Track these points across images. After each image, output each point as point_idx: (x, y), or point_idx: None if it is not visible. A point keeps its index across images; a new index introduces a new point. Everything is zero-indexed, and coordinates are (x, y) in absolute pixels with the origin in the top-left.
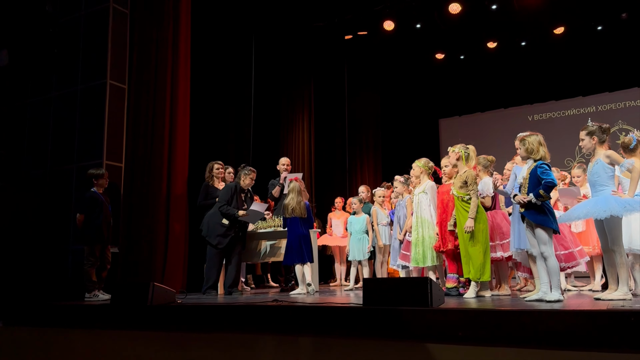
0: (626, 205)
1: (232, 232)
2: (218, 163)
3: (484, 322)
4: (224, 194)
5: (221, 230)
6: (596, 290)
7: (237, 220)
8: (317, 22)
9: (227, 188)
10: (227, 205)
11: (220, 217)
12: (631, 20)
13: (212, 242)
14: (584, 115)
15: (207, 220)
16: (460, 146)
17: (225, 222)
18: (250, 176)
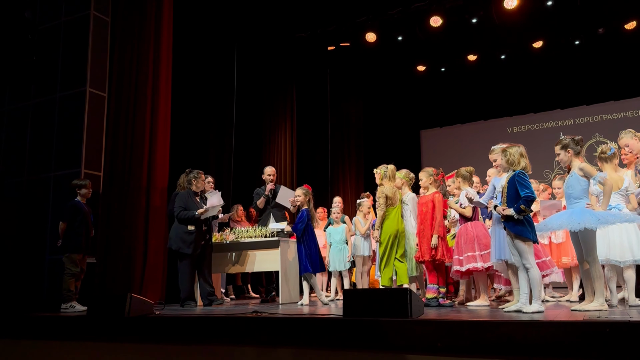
0: (600, 218)
1: (203, 237)
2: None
3: (463, 333)
4: (178, 201)
5: (191, 237)
6: (574, 301)
7: (201, 222)
8: (300, 33)
9: (180, 196)
10: (183, 211)
11: (184, 226)
12: (607, 35)
13: (187, 251)
14: (562, 127)
15: (174, 233)
16: (381, 166)
17: (192, 228)
18: (200, 179)
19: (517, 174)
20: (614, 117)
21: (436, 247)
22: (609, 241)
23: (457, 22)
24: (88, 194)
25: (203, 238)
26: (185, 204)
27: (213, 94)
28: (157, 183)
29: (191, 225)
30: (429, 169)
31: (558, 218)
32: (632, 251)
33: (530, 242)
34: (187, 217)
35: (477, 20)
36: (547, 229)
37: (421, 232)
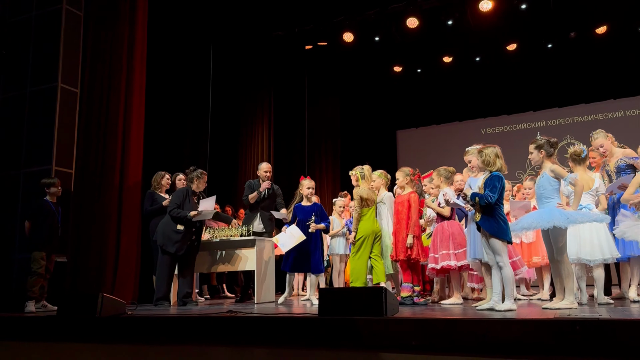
0: (569, 217)
1: (189, 238)
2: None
3: (436, 331)
4: (175, 198)
5: (177, 236)
6: (545, 299)
7: (192, 224)
8: (277, 31)
9: (178, 192)
10: (177, 209)
11: (174, 223)
12: (579, 39)
13: (170, 250)
14: (535, 129)
15: (161, 229)
16: (357, 168)
17: (180, 228)
18: (202, 179)
19: (492, 176)
20: (585, 119)
21: (411, 247)
22: (580, 240)
23: (433, 23)
24: (58, 192)
25: (190, 239)
26: (181, 202)
27: (189, 92)
28: (130, 181)
29: (181, 224)
30: (406, 169)
31: (529, 218)
32: (601, 250)
33: (505, 242)
34: (179, 215)
35: (452, 23)
36: (519, 229)
37: (397, 232)
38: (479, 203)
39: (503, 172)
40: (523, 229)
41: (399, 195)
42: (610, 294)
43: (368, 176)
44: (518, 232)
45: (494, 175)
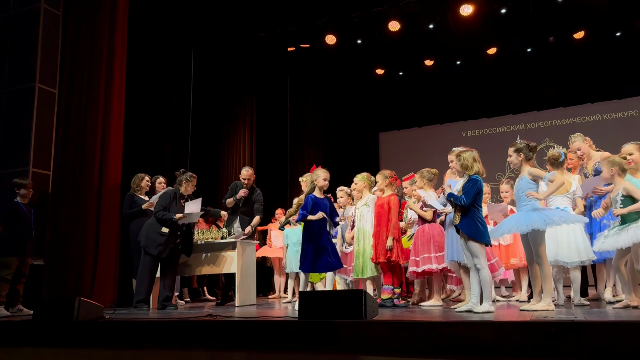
0: (545, 219)
1: (173, 241)
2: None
3: (415, 333)
4: (162, 200)
5: (161, 239)
6: (522, 300)
7: (177, 227)
8: (260, 33)
9: (165, 194)
10: (163, 211)
11: (159, 226)
12: (557, 44)
13: (153, 252)
14: (514, 132)
15: (146, 230)
16: (306, 175)
17: (165, 231)
18: (192, 182)
19: (469, 179)
20: (563, 122)
21: (391, 249)
22: (558, 243)
23: (415, 27)
24: (28, 194)
25: (172, 243)
26: (167, 204)
27: (170, 93)
28: (109, 183)
29: (167, 227)
30: (385, 172)
31: (508, 222)
32: (578, 252)
33: (483, 244)
34: (165, 218)
35: (434, 26)
36: (498, 233)
37: (377, 234)
38: (454, 203)
39: (481, 175)
40: (503, 234)
41: (379, 198)
42: (586, 295)
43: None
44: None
45: (471, 178)
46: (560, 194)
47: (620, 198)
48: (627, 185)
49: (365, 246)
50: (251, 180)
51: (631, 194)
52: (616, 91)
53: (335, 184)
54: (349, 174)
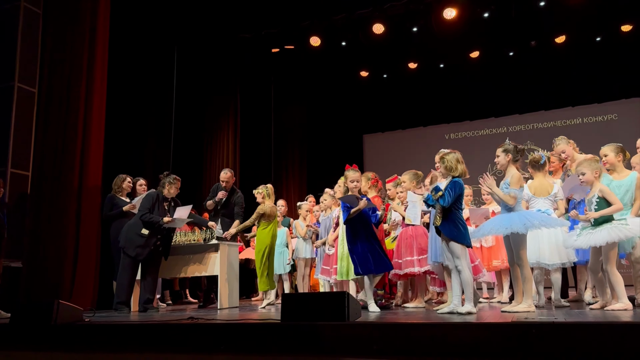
0: (526, 222)
1: (153, 243)
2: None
3: (397, 335)
4: (145, 202)
5: (140, 241)
6: (504, 302)
7: (159, 230)
8: (244, 34)
9: (148, 196)
10: (149, 213)
11: (140, 227)
12: (539, 48)
13: (130, 253)
14: (496, 135)
15: (125, 230)
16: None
17: (145, 232)
18: (175, 185)
19: (452, 181)
20: (544, 126)
21: None
22: (539, 245)
23: (399, 30)
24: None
25: (152, 245)
26: (151, 206)
27: (152, 94)
28: (90, 184)
29: (148, 229)
30: (368, 174)
31: (489, 224)
32: (559, 254)
33: (464, 246)
34: (150, 220)
35: (417, 29)
36: (479, 234)
37: None
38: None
39: (464, 177)
40: (484, 235)
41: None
42: (566, 297)
43: (272, 194)
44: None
45: (453, 180)
46: (542, 196)
47: (596, 200)
48: (603, 189)
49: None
50: (230, 182)
51: (606, 196)
52: (596, 95)
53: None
54: (333, 176)
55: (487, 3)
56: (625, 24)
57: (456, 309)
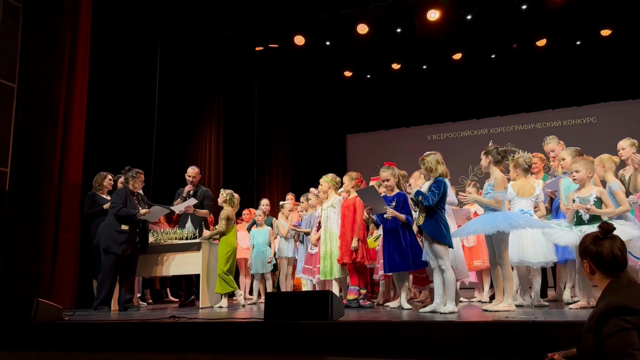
0: (511, 222)
1: (134, 239)
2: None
3: (379, 334)
4: (116, 198)
5: (122, 237)
6: (485, 301)
7: (136, 224)
8: (228, 31)
9: (118, 192)
10: (123, 208)
11: (117, 224)
12: (520, 51)
13: (116, 251)
14: (478, 136)
15: (102, 232)
16: (227, 191)
17: (125, 228)
18: (139, 178)
19: (435, 181)
20: (525, 127)
21: (356, 250)
22: (522, 244)
23: (383, 31)
24: None
25: (134, 240)
26: (124, 201)
27: (134, 91)
28: (70, 181)
29: (126, 224)
30: (352, 173)
31: (474, 224)
32: (543, 253)
33: (446, 246)
34: (127, 214)
35: (401, 30)
36: (463, 233)
37: (343, 235)
38: (421, 202)
39: (445, 177)
40: (469, 234)
41: (345, 199)
42: (546, 296)
43: (236, 203)
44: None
45: (437, 180)
46: (525, 197)
47: (594, 199)
48: (602, 191)
49: (332, 248)
50: (197, 178)
51: (604, 199)
52: (576, 98)
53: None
54: (317, 175)
55: (470, 5)
56: (604, 29)
57: (438, 308)
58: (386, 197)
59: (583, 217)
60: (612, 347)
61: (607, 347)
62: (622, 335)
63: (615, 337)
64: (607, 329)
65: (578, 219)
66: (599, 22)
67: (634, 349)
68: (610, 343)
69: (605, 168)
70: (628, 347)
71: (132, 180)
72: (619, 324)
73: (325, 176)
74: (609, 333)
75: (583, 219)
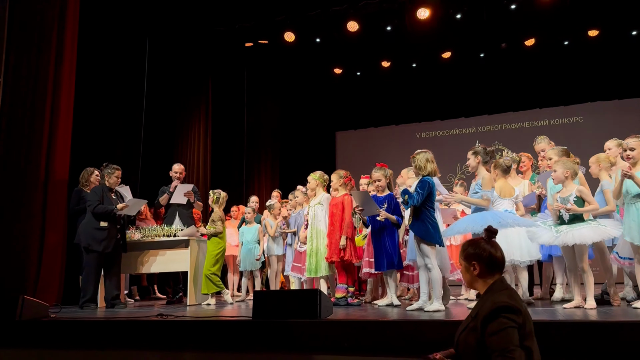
0: (501, 221)
1: (115, 235)
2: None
3: (367, 332)
4: (92, 195)
5: (102, 234)
6: (472, 299)
7: (115, 220)
8: (217, 27)
9: (94, 190)
10: (100, 205)
11: (96, 221)
12: (509, 50)
13: (97, 248)
14: (466, 134)
15: (82, 230)
16: (217, 191)
17: (104, 225)
18: (114, 174)
19: (422, 180)
20: (513, 126)
21: (344, 248)
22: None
23: (373, 28)
24: None
25: (115, 236)
26: (101, 198)
27: (122, 87)
28: (57, 177)
29: (105, 221)
30: (340, 171)
31: (462, 223)
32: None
33: (434, 245)
34: (104, 211)
35: (391, 28)
36: (454, 232)
37: (331, 233)
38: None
39: (434, 176)
40: (459, 233)
41: (333, 198)
42: (532, 295)
43: (222, 202)
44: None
45: (423, 179)
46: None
47: (574, 199)
48: (582, 190)
49: (319, 245)
50: (183, 174)
51: (584, 197)
52: (563, 98)
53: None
54: (306, 172)
55: (459, 4)
56: (592, 29)
57: (424, 306)
58: (377, 198)
59: (564, 217)
60: (495, 344)
61: (491, 344)
62: (507, 332)
63: (500, 334)
64: (493, 327)
65: (560, 219)
66: (587, 23)
67: (515, 345)
68: (494, 340)
69: (601, 167)
70: (510, 344)
71: (108, 176)
72: (505, 322)
73: (313, 174)
74: (495, 330)
75: (564, 219)
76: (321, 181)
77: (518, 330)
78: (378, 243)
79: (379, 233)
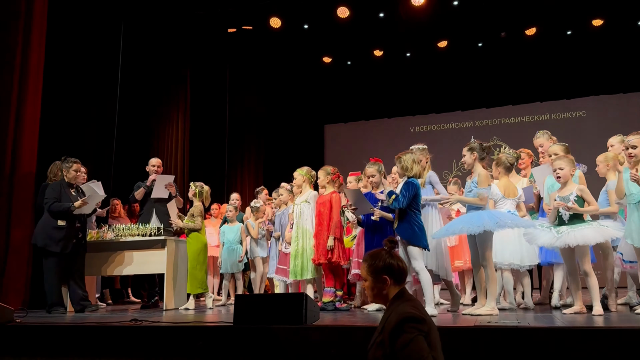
0: (498, 221)
1: (74, 234)
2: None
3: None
4: (50, 192)
5: (60, 234)
6: (467, 304)
7: (74, 218)
8: (197, 11)
9: (52, 186)
10: (56, 202)
11: (54, 220)
12: (509, 39)
13: (55, 249)
14: (462, 129)
15: (40, 229)
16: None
17: (62, 224)
18: (72, 168)
19: (407, 181)
20: (512, 121)
21: (332, 249)
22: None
23: (365, 15)
24: None
25: (75, 235)
26: (58, 195)
27: (95, 75)
28: (23, 171)
29: (62, 219)
30: (328, 168)
31: (458, 223)
32: (529, 256)
33: (421, 248)
34: (61, 209)
35: (384, 15)
36: (450, 233)
37: (318, 234)
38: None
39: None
40: (454, 233)
41: (320, 196)
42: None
43: (207, 197)
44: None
45: (408, 181)
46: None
47: (574, 198)
48: (583, 189)
49: (305, 246)
50: (160, 169)
51: (585, 197)
52: (565, 91)
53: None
54: (292, 168)
55: None
56: (596, 19)
57: None
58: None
59: (564, 217)
60: (408, 356)
61: (403, 357)
62: (417, 342)
63: (410, 346)
64: (402, 340)
65: (559, 219)
66: (591, 11)
67: (428, 353)
68: (406, 353)
69: (609, 166)
70: (423, 352)
71: (66, 170)
72: (412, 331)
73: (299, 169)
74: (406, 342)
75: (564, 219)
76: (308, 177)
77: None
78: (370, 242)
79: (372, 230)
